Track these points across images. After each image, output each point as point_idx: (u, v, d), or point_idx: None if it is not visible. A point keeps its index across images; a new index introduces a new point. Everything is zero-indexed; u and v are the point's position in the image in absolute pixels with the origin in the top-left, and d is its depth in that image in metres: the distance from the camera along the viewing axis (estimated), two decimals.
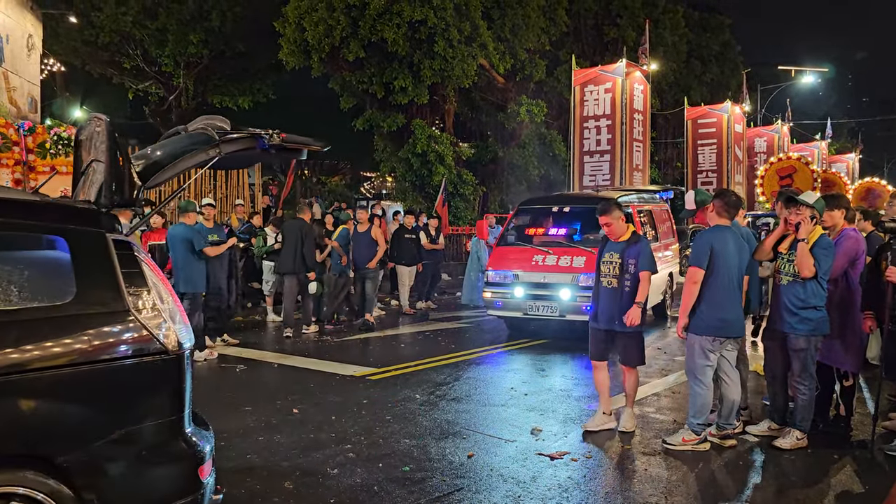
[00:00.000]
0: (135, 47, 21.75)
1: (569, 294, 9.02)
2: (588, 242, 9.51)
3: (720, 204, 5.33)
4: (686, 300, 5.22)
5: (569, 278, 9.07)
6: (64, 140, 9.80)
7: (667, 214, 12.23)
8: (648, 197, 11.65)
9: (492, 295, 9.66)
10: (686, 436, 5.29)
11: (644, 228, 10.16)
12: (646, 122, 18.51)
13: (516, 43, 20.23)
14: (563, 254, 9.35)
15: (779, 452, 5.23)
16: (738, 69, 33.43)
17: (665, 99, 28.24)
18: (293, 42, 17.67)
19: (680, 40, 28.54)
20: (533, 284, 9.34)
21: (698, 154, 24.17)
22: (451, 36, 17.28)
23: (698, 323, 5.22)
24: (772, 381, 5.64)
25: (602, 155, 17.47)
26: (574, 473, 4.84)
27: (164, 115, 24.63)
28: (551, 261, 9.32)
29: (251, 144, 3.75)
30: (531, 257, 9.51)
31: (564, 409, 6.43)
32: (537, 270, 9.35)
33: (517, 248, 9.86)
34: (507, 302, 9.50)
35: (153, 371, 2.99)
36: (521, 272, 9.44)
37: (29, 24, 17.03)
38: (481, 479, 4.69)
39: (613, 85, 17.31)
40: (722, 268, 5.14)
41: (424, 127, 18.98)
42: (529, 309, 9.31)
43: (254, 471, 4.82)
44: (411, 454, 5.17)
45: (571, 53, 20.20)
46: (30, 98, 16.96)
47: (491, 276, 9.72)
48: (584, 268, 8.99)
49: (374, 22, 16.77)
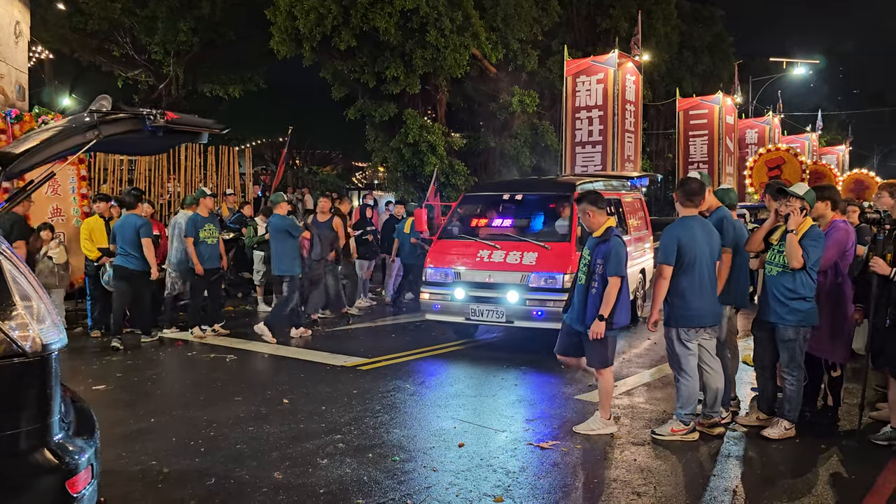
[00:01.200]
0: (124, 35, 21.54)
1: (516, 297, 7.87)
2: (543, 236, 8.46)
3: (681, 194, 5.35)
4: (657, 295, 5.25)
5: (517, 278, 7.95)
6: None
7: (640, 204, 11.18)
8: (618, 184, 10.57)
9: (430, 296, 8.48)
10: (675, 426, 5.31)
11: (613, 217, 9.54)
12: (638, 113, 18.49)
13: (509, 33, 20.14)
14: (512, 249, 8.17)
15: (767, 442, 5.27)
16: (729, 61, 33.42)
17: (657, 90, 28.23)
18: (284, 31, 17.53)
19: (672, 31, 28.49)
20: (476, 285, 8.16)
21: (690, 145, 24.19)
22: (444, 25, 17.19)
23: (672, 314, 5.27)
24: (761, 371, 5.67)
25: (594, 146, 17.46)
26: (564, 463, 4.86)
27: (154, 103, 24.43)
28: (498, 257, 8.19)
29: (135, 126, 3.44)
30: (476, 253, 8.33)
31: (556, 399, 6.44)
32: (482, 268, 8.19)
33: (460, 241, 8.71)
34: (447, 305, 8.32)
35: (9, 376, 2.69)
36: (463, 270, 8.29)
37: (16, 11, 16.82)
38: (471, 469, 4.70)
39: (605, 76, 17.28)
40: (691, 259, 5.16)
41: (416, 117, 18.91)
42: (472, 313, 8.12)
43: (243, 461, 4.82)
44: (401, 444, 5.17)
45: (564, 44, 20.14)
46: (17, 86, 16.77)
47: (429, 275, 8.52)
48: (536, 266, 7.99)
49: (366, 11, 16.67)
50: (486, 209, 9.67)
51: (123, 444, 5.13)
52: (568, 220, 8.36)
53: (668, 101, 26.47)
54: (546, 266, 7.87)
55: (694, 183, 5.39)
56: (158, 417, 5.79)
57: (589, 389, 6.62)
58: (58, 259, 8.76)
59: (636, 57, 18.49)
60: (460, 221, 9.33)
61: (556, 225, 8.57)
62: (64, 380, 7.30)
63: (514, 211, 9.32)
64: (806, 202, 5.18)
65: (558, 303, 7.10)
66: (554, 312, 7.43)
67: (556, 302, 7.48)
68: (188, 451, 4.99)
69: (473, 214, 9.60)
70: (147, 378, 7.21)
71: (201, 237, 8.97)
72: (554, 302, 7.56)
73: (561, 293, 7.48)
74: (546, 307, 7.71)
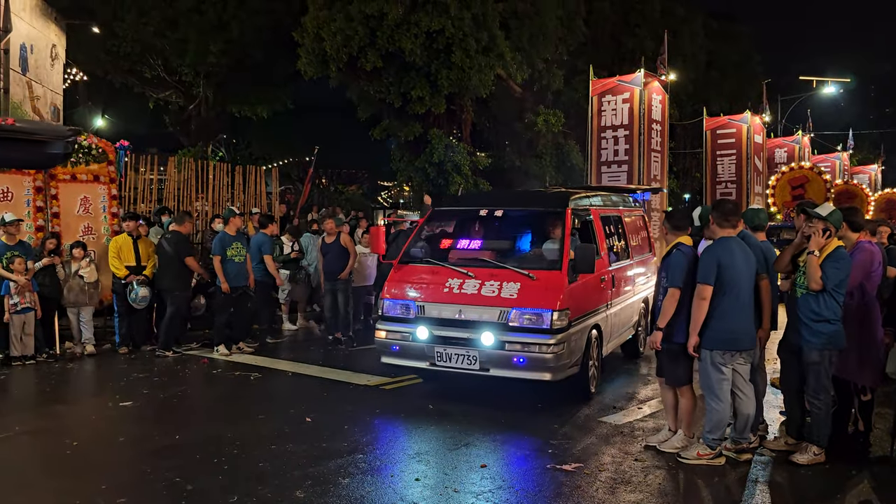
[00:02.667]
0: (156, 57, 22.00)
1: (492, 339, 6.34)
2: (528, 262, 6.96)
3: (718, 215, 5.32)
4: (697, 317, 5.13)
5: (494, 314, 6.42)
6: (84, 149, 9.91)
7: (643, 222, 9.78)
8: (618, 199, 9.18)
9: (386, 335, 6.88)
10: (701, 450, 5.22)
11: (611, 240, 8.04)
12: (664, 133, 18.41)
13: (534, 53, 20.22)
14: (488, 278, 6.63)
15: (795, 467, 5.16)
16: (757, 79, 33.20)
17: (684, 109, 28.10)
18: (311, 52, 17.78)
19: (699, 50, 28.40)
20: (443, 322, 6.60)
21: (717, 165, 23.98)
22: (469, 46, 17.30)
23: (707, 336, 5.16)
24: (788, 394, 5.57)
25: (619, 165, 17.39)
26: (587, 485, 4.80)
27: (184, 124, 24.87)
28: (471, 288, 6.61)
29: None
30: (444, 282, 6.77)
31: (581, 418, 6.38)
32: (451, 301, 6.63)
33: (426, 267, 7.06)
34: (407, 346, 6.75)
35: None
36: (427, 303, 6.72)
37: (53, 35, 17.32)
38: (493, 491, 4.66)
39: (631, 95, 17.25)
40: (729, 280, 5.08)
41: (441, 136, 19.01)
42: (438, 358, 6.58)
43: (265, 479, 4.83)
44: (424, 464, 5.15)
45: (589, 63, 20.17)
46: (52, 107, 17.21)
47: (386, 308, 6.95)
48: (518, 300, 6.38)
49: (392, 32, 16.85)
50: (460, 227, 8.21)
51: (149, 459, 5.18)
52: (559, 242, 6.87)
53: (695, 119, 26.33)
54: (530, 300, 6.40)
55: (730, 203, 5.43)
56: (183, 434, 5.84)
57: (620, 409, 6.54)
58: (88, 277, 8.91)
59: (662, 76, 18.45)
60: (427, 242, 7.70)
61: (544, 248, 7.07)
62: (91, 395, 7.43)
63: (494, 230, 7.86)
64: (830, 223, 5.10)
65: (545, 347, 6.21)
66: (539, 360, 6.22)
67: (542, 346, 6.21)
68: (212, 468, 5.02)
69: (444, 234, 8.19)
70: (172, 395, 7.27)
71: (228, 255, 9.09)
72: (540, 346, 6.21)
73: (548, 335, 6.22)
74: (529, 353, 6.26)
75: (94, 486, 4.68)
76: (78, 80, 23.12)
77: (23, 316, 8.26)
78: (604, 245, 7.52)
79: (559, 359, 6.28)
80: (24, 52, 15.31)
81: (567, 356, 6.40)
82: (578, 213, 7.35)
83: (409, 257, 7.35)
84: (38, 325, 8.51)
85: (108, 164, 10.16)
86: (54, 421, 6.36)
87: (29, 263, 8.39)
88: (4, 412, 6.57)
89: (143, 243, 9.28)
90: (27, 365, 8.25)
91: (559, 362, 6.30)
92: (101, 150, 10.10)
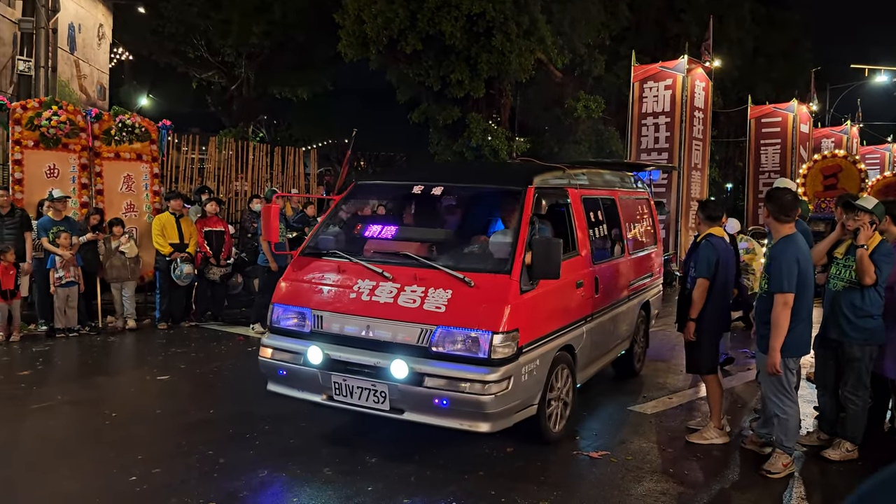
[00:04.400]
0: (199, 38, 22.31)
1: (405, 370, 4.54)
2: (468, 259, 5.11)
3: (776, 208, 4.82)
4: (781, 328, 4.62)
5: (413, 334, 4.63)
6: (128, 127, 10.12)
7: (647, 207, 7.92)
8: (614, 178, 7.23)
9: (272, 353, 5.12)
10: (783, 460, 4.88)
11: (599, 231, 6.26)
12: (706, 121, 18.06)
13: (575, 38, 19.99)
14: (410, 281, 4.82)
15: (827, 463, 5.08)
16: (806, 67, 32.31)
17: (728, 97, 27.52)
18: (352, 34, 17.85)
19: (746, 36, 27.73)
20: (346, 340, 4.85)
21: (761, 154, 23.46)
22: (509, 30, 17.19)
23: (786, 344, 4.69)
24: (822, 390, 5.47)
25: (660, 153, 17.14)
26: (613, 474, 4.80)
27: (226, 104, 25.24)
28: (387, 294, 4.81)
29: None
30: (352, 284, 4.97)
31: (608, 407, 6.36)
32: (357, 312, 4.85)
33: (333, 262, 5.18)
34: (297, 371, 4.97)
35: None
36: (326, 313, 4.95)
37: (100, 14, 17.66)
38: (518, 475, 4.69)
39: (674, 82, 16.95)
40: (804, 282, 4.71)
41: (480, 121, 18.95)
42: (336, 390, 4.81)
43: (295, 455, 4.93)
44: (450, 444, 5.19)
45: (632, 49, 19.86)
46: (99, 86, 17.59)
47: (277, 316, 5.20)
48: (446, 314, 4.59)
49: (433, 15, 16.81)
50: (388, 209, 6.79)
51: (184, 433, 5.32)
52: (513, 233, 4.98)
53: (739, 108, 25.77)
54: (462, 316, 4.57)
55: (788, 194, 4.86)
56: (217, 409, 5.98)
57: (654, 397, 6.51)
58: (129, 253, 9.13)
59: (707, 63, 18.08)
60: (340, 228, 5.84)
61: (491, 242, 5.19)
62: (130, 369, 7.61)
63: (430, 214, 6.11)
64: (875, 216, 4.98)
65: (480, 385, 4.41)
66: (471, 403, 4.43)
67: (475, 384, 4.42)
68: (243, 443, 5.13)
69: (363, 218, 6.41)
70: (208, 370, 7.44)
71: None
72: (472, 383, 4.42)
73: (485, 367, 4.44)
74: (456, 392, 4.44)
75: (131, 456, 4.83)
76: (124, 59, 23.56)
77: (67, 289, 8.51)
78: (585, 238, 5.73)
79: (501, 401, 4.45)
80: (72, 32, 15.64)
81: (514, 396, 4.56)
82: (547, 194, 5.39)
83: (314, 248, 5.43)
84: (81, 299, 8.77)
85: (150, 143, 10.37)
86: (95, 392, 6.57)
87: (74, 239, 8.62)
88: (48, 382, 6.80)
89: (185, 222, 9.46)
90: (70, 337, 8.52)
91: (501, 406, 4.47)
92: (144, 129, 10.31)
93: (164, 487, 4.36)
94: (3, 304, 8.21)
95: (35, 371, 7.12)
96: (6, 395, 6.30)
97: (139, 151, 10.26)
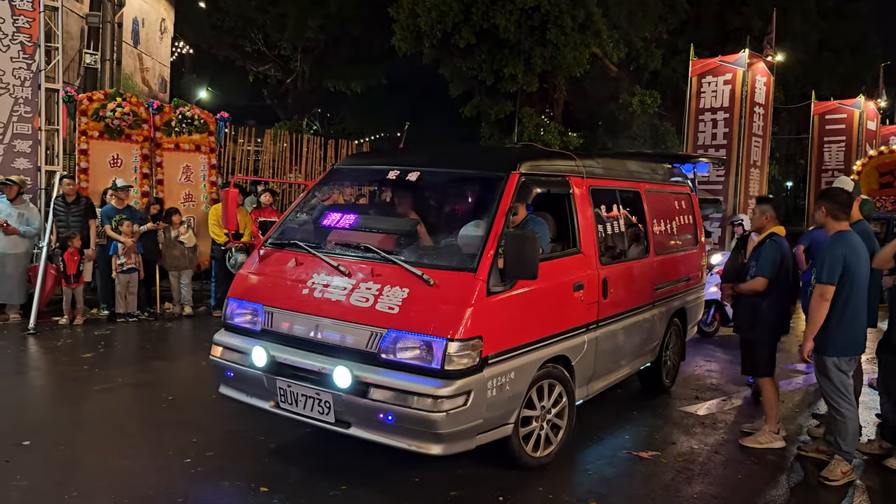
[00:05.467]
0: (257, 32, 22.72)
1: (348, 378, 4.03)
2: (434, 254, 4.44)
3: (833, 206, 4.78)
4: (817, 320, 4.63)
5: (362, 337, 4.11)
6: (188, 119, 10.37)
7: (687, 204, 7.02)
8: (639, 169, 6.35)
9: (222, 352, 4.71)
10: (842, 467, 4.75)
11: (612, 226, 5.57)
12: (767, 117, 17.55)
13: (632, 31, 19.68)
14: (367, 277, 4.30)
15: (890, 473, 4.90)
16: (875, 61, 31.11)
17: (790, 92, 26.72)
18: (406, 28, 17.92)
19: (811, 30, 26.85)
20: (292, 341, 4.39)
21: (824, 152, 22.69)
22: (564, 23, 17.01)
23: (832, 342, 4.67)
24: (885, 397, 5.27)
25: (717, 149, 16.72)
26: (663, 475, 4.72)
27: (281, 97, 25.65)
28: (339, 290, 4.32)
29: None
30: (305, 279, 4.51)
31: (659, 407, 6.25)
32: (307, 310, 4.37)
33: (293, 254, 4.72)
34: (243, 373, 4.54)
35: None
36: (276, 310, 4.50)
37: (163, 9, 18.12)
38: (564, 474, 4.66)
39: (734, 76, 16.51)
40: (855, 279, 4.65)
41: (533, 115, 18.85)
42: (282, 397, 4.36)
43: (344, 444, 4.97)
44: None
45: (690, 42, 19.44)
46: (160, 79, 18.06)
47: (229, 311, 4.80)
48: (399, 316, 4.05)
49: (487, 8, 16.77)
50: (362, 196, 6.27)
51: (237, 418, 5.42)
52: (485, 225, 4.32)
53: (802, 104, 25.00)
54: (416, 319, 4.02)
55: (843, 194, 4.91)
56: None
57: (702, 398, 6.38)
58: (188, 242, 9.37)
59: (769, 57, 17.57)
60: (309, 217, 5.30)
61: (460, 236, 4.47)
62: (187, 354, 7.80)
63: (404, 202, 5.31)
64: None
65: (430, 401, 3.84)
66: (419, 420, 3.87)
67: (425, 399, 3.86)
68: (294, 431, 5.21)
69: (335, 206, 5.76)
70: None
71: None
72: (420, 398, 3.87)
73: (438, 380, 3.88)
74: (403, 407, 3.90)
75: (187, 439, 4.96)
76: (184, 53, 24.15)
77: (128, 276, 8.78)
78: (591, 234, 5.07)
79: (456, 420, 3.88)
80: (136, 26, 16.10)
81: (475, 414, 3.98)
82: (538, 182, 4.83)
83: (279, 238, 5.00)
84: (141, 286, 9.04)
85: (208, 135, 10.61)
86: (153, 375, 6.77)
87: (135, 227, 8.89)
88: (109, 365, 7.04)
89: (241, 212, 9.65)
90: (130, 322, 8.80)
91: (457, 425, 3.90)
92: (202, 121, 10.55)
93: (217, 470, 4.47)
94: (68, 288, 8.52)
95: (97, 354, 7.37)
96: (70, 376, 6.55)
97: (198, 143, 10.51)
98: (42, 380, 6.69)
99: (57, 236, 8.68)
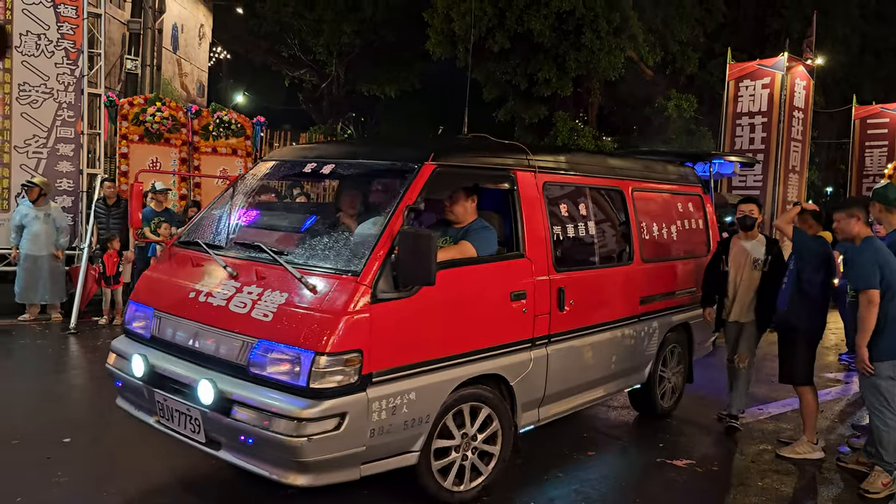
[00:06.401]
0: (292, 37, 22.99)
1: (211, 393, 3.56)
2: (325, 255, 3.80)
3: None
4: (868, 325, 4.50)
5: (233, 348, 3.65)
6: (225, 123, 10.53)
7: (696, 206, 6.32)
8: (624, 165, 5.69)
9: (115, 360, 4.31)
10: (883, 479, 4.63)
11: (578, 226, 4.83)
12: (807, 121, 17.23)
13: (668, 34, 19.49)
14: (252, 280, 3.83)
15: None
16: None
17: (831, 96, 26.20)
18: (440, 32, 17.97)
19: (852, 33, 26.31)
20: (171, 349, 4.00)
21: (865, 157, 22.21)
22: (600, 27, 16.91)
23: (884, 347, 4.53)
24: None
25: (755, 154, 16.47)
26: (698, 484, 4.66)
27: (316, 101, 25.90)
28: (222, 295, 3.87)
29: None
30: (196, 282, 4.08)
31: (693, 415, 6.16)
32: (190, 316, 3.95)
33: (194, 255, 4.29)
34: (128, 383, 4.15)
35: None
36: (164, 315, 4.11)
37: (201, 15, 18.45)
38: (599, 480, 4.62)
39: (772, 80, 16.26)
40: (891, 281, 4.55)
41: (567, 119, 18.75)
42: (161, 412, 3.91)
43: None
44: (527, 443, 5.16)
45: (727, 46, 19.19)
46: (198, 83, 18.38)
47: (129, 315, 4.41)
48: (272, 324, 3.55)
49: (521, 13, 16.74)
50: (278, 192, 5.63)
51: None
52: (383, 222, 3.76)
53: (843, 108, 24.51)
54: (288, 327, 3.52)
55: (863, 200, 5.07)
56: None
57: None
58: None
59: (808, 60, 17.26)
60: (220, 214, 4.73)
61: (356, 234, 4.01)
62: None
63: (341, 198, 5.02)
64: None
65: (291, 424, 3.33)
66: (278, 445, 3.36)
67: (286, 422, 3.34)
68: None
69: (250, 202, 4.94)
70: None
71: None
72: (280, 421, 3.36)
73: (302, 399, 3.37)
74: (263, 430, 3.39)
75: None
76: (222, 58, 24.53)
77: None
78: (540, 235, 4.42)
79: (325, 447, 3.38)
80: (175, 32, 16.42)
81: (355, 441, 3.48)
82: (464, 175, 4.23)
83: (187, 236, 4.58)
84: None
85: (245, 139, 10.77)
86: None
87: (173, 229, 9.05)
88: None
89: None
90: None
91: (326, 453, 3.40)
92: (239, 125, 10.71)
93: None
94: (107, 289, 8.70)
95: None
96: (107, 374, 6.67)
97: (234, 146, 10.67)
98: (82, 378, 6.84)
99: (98, 238, 8.87)
